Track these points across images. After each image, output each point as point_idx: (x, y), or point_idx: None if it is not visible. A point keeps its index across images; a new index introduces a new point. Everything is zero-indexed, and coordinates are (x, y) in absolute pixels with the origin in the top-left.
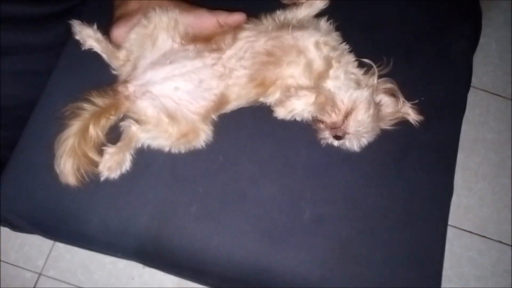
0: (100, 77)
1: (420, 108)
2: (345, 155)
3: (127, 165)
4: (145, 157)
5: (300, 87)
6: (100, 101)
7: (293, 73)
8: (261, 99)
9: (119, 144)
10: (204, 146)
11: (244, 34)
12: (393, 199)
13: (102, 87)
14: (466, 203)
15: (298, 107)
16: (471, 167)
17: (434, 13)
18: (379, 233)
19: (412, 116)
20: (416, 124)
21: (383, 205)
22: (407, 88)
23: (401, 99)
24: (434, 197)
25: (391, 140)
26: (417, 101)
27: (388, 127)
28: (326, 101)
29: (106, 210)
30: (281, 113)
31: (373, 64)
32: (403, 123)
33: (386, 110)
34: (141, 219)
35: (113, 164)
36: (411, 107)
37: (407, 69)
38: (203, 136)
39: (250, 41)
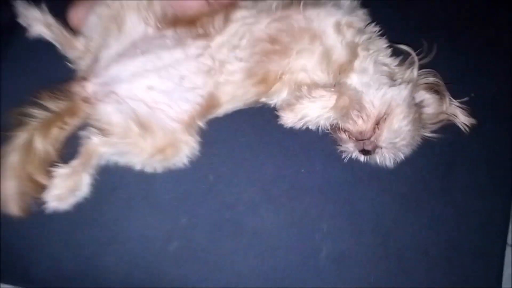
0: (53, 73)
1: (470, 109)
2: (373, 172)
3: (84, 190)
4: (111, 178)
5: (315, 85)
6: (52, 104)
7: (305, 65)
8: (263, 99)
9: (74, 163)
10: (187, 163)
11: (239, 15)
12: (435, 230)
13: (55, 86)
14: None
15: (313, 113)
16: None
17: None
18: (418, 275)
19: (461, 118)
20: (465, 130)
21: (423, 238)
22: (452, 82)
23: (447, 97)
24: (488, 224)
25: (432, 151)
26: (466, 98)
27: (429, 134)
28: (351, 104)
29: (59, 248)
30: (289, 119)
31: (412, 51)
32: (447, 128)
33: (428, 111)
34: (104, 260)
35: (64, 191)
36: (459, 107)
37: (452, 57)
38: (186, 150)
39: (248, 24)
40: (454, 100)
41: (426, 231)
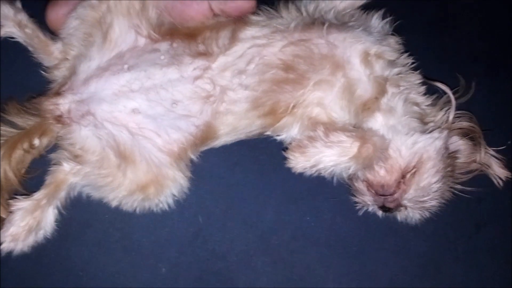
0: (25, 82)
1: (506, 159)
2: (390, 228)
3: (47, 229)
4: (81, 215)
5: (332, 124)
6: (19, 120)
7: (323, 98)
8: (268, 133)
9: (38, 195)
10: (172, 204)
11: (249, 33)
12: None
13: (25, 98)
14: None
15: (328, 160)
16: None
17: None
18: None
19: (495, 170)
20: (498, 184)
21: None
22: (488, 125)
23: (483, 145)
24: None
25: (459, 206)
26: (504, 147)
27: (458, 186)
28: (375, 153)
29: None
30: (299, 164)
31: (448, 90)
32: (477, 180)
33: (459, 160)
34: None
35: (22, 230)
36: (495, 157)
37: (490, 94)
38: (172, 188)
39: (258, 45)
40: (489, 148)
41: None
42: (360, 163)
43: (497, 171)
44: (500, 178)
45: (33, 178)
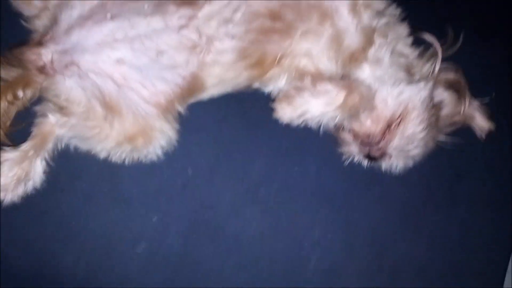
0: (5, 33)
1: (490, 111)
2: (374, 176)
3: (36, 180)
4: (70, 166)
5: (319, 75)
6: (2, 72)
7: (310, 49)
8: (256, 85)
9: (25, 146)
10: (161, 155)
11: None
12: (435, 246)
13: (7, 49)
14: None
15: (315, 110)
16: None
17: None
18: None
19: (479, 122)
20: (481, 136)
21: (421, 254)
22: (474, 79)
23: (468, 97)
24: (491, 247)
25: (441, 157)
26: (487, 99)
27: (442, 138)
28: (361, 102)
29: (7, 245)
30: (286, 114)
31: (435, 41)
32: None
33: (444, 111)
34: (61, 261)
35: (10, 181)
36: (479, 109)
37: (477, 51)
38: (161, 140)
39: None
40: (474, 100)
41: (425, 247)
42: (346, 112)
43: (481, 123)
44: (483, 131)
45: (19, 131)
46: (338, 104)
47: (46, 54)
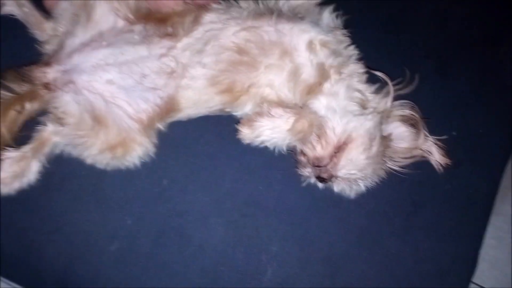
0: (22, 54)
1: (447, 148)
2: (334, 200)
3: (30, 177)
4: (62, 169)
5: (279, 103)
6: (15, 85)
7: (273, 80)
8: (228, 110)
9: (25, 148)
10: (138, 165)
11: (208, 18)
12: (389, 269)
13: (22, 67)
14: (493, 256)
15: (268, 133)
16: (505, 212)
17: (483, 18)
18: None
19: (436, 157)
20: (439, 169)
21: (374, 275)
22: (434, 116)
23: (423, 131)
24: (449, 272)
25: (401, 187)
26: (445, 136)
27: (398, 169)
28: (310, 128)
29: None
30: (246, 135)
31: (387, 79)
32: (420, 165)
33: (400, 144)
34: (44, 249)
35: (9, 175)
36: (436, 145)
37: (438, 89)
38: (139, 151)
39: (215, 29)
40: (430, 136)
41: (379, 269)
42: (295, 136)
43: (438, 158)
44: (441, 164)
45: (24, 136)
46: (287, 128)
47: (51, 73)
